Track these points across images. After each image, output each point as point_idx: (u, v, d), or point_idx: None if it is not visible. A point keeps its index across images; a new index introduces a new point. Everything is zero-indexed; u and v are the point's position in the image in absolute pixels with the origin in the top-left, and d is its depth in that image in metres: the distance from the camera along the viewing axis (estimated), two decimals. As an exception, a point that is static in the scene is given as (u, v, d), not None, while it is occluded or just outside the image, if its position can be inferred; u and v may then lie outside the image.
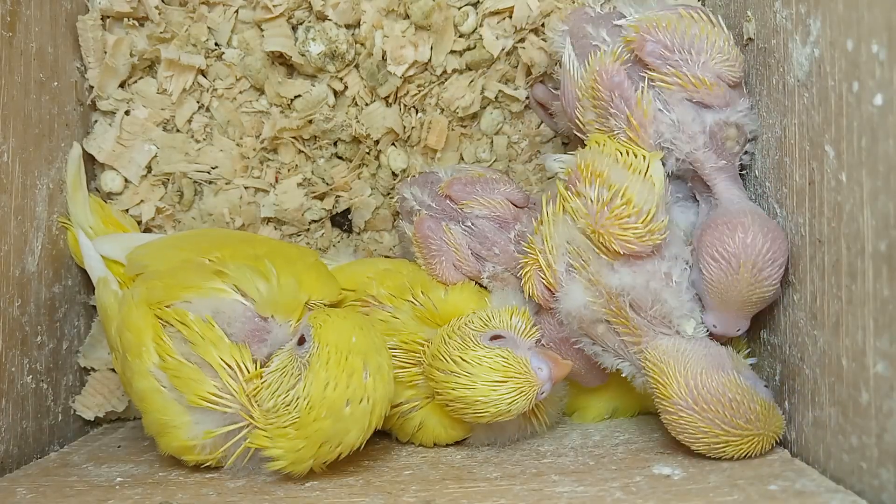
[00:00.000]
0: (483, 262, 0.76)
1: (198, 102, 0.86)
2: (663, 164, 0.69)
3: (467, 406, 0.67)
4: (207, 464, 0.66)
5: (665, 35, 0.68)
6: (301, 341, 0.64)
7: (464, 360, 0.67)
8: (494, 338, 0.69)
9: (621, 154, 0.69)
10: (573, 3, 0.83)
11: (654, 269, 0.67)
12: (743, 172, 0.72)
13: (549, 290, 0.71)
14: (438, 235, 0.77)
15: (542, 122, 0.88)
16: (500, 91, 0.86)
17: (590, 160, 0.70)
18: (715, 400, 0.62)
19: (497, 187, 0.78)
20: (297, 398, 0.61)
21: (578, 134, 0.75)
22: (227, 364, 0.65)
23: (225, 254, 0.73)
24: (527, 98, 0.87)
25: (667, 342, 0.66)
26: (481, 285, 0.78)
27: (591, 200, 0.67)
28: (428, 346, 0.71)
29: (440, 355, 0.68)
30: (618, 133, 0.70)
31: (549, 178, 0.88)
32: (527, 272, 0.72)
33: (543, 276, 0.70)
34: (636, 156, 0.68)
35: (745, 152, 0.71)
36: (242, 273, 0.68)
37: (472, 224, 0.77)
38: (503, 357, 0.66)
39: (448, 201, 0.78)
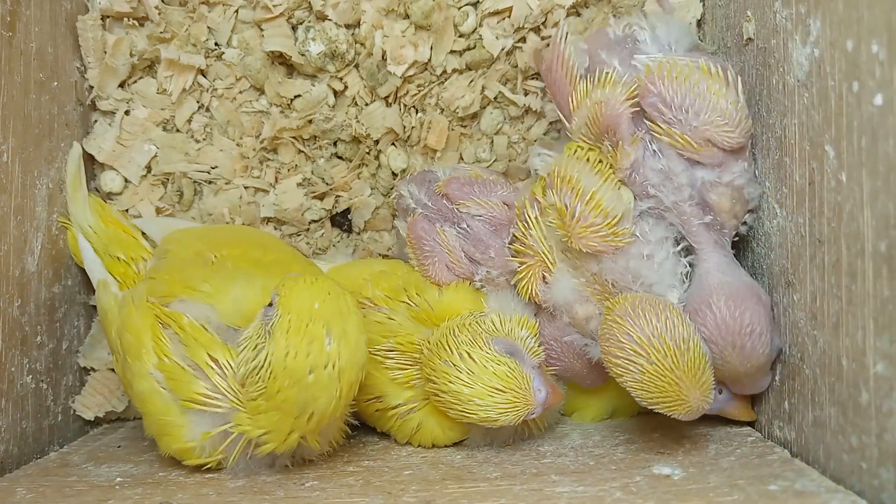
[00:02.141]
0: (477, 266, 0.76)
1: (198, 102, 0.86)
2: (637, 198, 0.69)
3: (458, 403, 0.67)
4: (207, 466, 0.66)
5: (668, 88, 0.67)
6: (270, 304, 0.63)
7: (470, 356, 0.67)
8: (507, 345, 0.69)
9: (600, 162, 0.70)
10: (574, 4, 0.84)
11: (636, 251, 0.68)
12: (736, 239, 0.71)
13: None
14: (431, 237, 0.77)
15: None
16: (499, 92, 0.86)
17: (563, 166, 0.70)
18: (643, 311, 0.62)
19: (494, 189, 0.78)
20: (260, 367, 0.61)
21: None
22: (216, 362, 0.64)
23: (231, 252, 0.73)
24: (525, 105, 0.87)
25: None
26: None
27: (560, 209, 0.68)
28: (426, 345, 0.71)
29: (445, 345, 0.68)
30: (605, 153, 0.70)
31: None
32: (526, 273, 0.72)
33: (546, 275, 0.71)
34: (611, 172, 0.70)
35: (744, 223, 0.70)
36: (221, 280, 0.68)
37: (468, 226, 0.77)
38: (510, 367, 0.66)
39: (444, 200, 0.78)
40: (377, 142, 0.87)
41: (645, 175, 0.68)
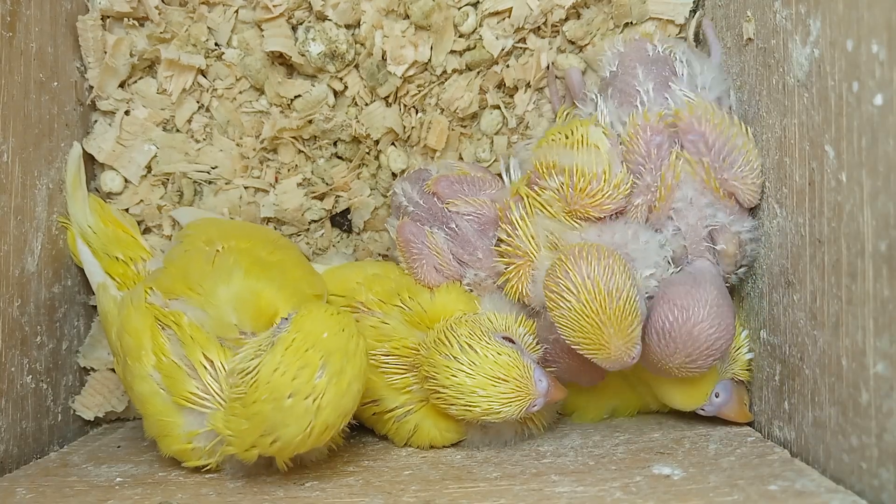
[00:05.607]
0: (465, 268, 0.76)
1: (198, 102, 0.86)
2: (660, 232, 0.70)
3: (461, 395, 0.66)
4: (207, 467, 0.66)
5: (712, 132, 0.69)
6: (287, 318, 0.62)
7: (472, 348, 0.67)
8: (505, 339, 0.69)
9: (565, 138, 0.72)
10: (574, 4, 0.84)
11: (621, 230, 0.69)
12: (728, 278, 0.72)
13: None
14: (420, 239, 0.77)
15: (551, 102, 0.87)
16: (500, 98, 0.86)
17: (542, 157, 0.72)
18: (587, 254, 0.64)
19: (483, 187, 0.78)
20: (248, 372, 0.60)
21: None
22: (210, 363, 0.64)
23: (238, 245, 0.73)
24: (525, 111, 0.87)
25: None
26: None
27: (558, 188, 0.70)
28: (423, 345, 0.71)
29: (445, 340, 0.68)
30: (643, 193, 0.70)
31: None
32: (515, 273, 0.72)
33: (534, 274, 0.71)
34: (573, 131, 0.71)
35: (735, 273, 0.72)
36: (214, 282, 0.68)
37: (457, 226, 0.76)
38: (510, 357, 0.66)
39: (435, 199, 0.78)
40: (377, 142, 0.87)
41: (672, 198, 0.69)
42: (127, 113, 0.85)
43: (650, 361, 0.68)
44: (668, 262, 0.70)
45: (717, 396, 0.72)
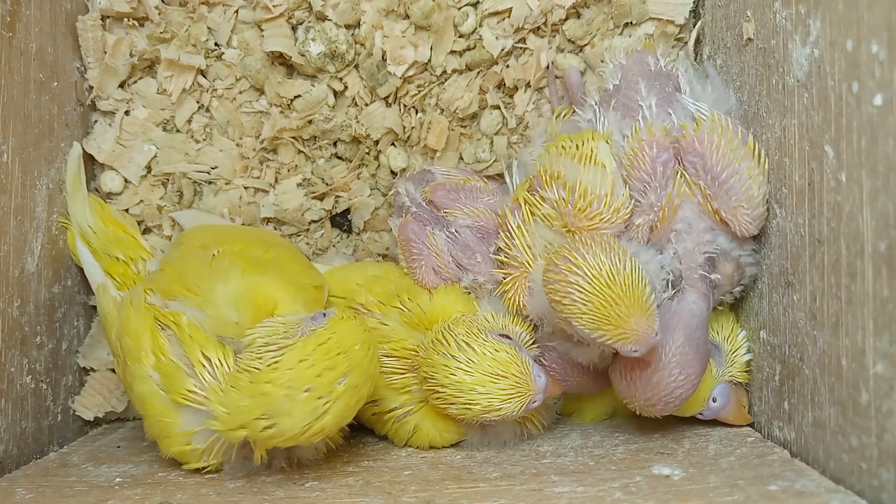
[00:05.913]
0: (464, 271, 0.76)
1: (197, 102, 0.86)
2: (660, 253, 0.69)
3: (460, 394, 0.66)
4: (207, 468, 0.66)
5: (712, 155, 0.67)
6: (324, 314, 0.64)
7: (469, 345, 0.67)
8: (503, 336, 0.69)
9: (574, 148, 0.70)
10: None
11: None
12: (721, 308, 0.73)
13: None
14: (421, 239, 0.77)
15: (550, 102, 0.87)
16: (500, 98, 0.86)
17: (547, 164, 0.71)
18: (582, 241, 0.63)
19: (481, 196, 0.78)
20: (272, 350, 0.61)
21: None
22: (208, 361, 0.65)
23: (233, 248, 0.73)
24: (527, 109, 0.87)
25: None
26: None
27: (557, 202, 0.69)
28: (421, 347, 0.71)
29: (442, 340, 0.68)
30: (645, 213, 0.69)
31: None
32: (511, 285, 0.71)
33: (531, 286, 0.70)
34: (583, 143, 0.70)
35: (730, 292, 0.71)
36: (212, 283, 0.68)
37: (456, 231, 0.76)
38: (508, 353, 0.66)
39: (431, 207, 0.78)
40: (377, 142, 0.87)
41: (674, 220, 0.68)
42: (127, 113, 0.85)
43: (623, 396, 0.69)
44: (667, 285, 0.68)
45: (714, 401, 0.71)
